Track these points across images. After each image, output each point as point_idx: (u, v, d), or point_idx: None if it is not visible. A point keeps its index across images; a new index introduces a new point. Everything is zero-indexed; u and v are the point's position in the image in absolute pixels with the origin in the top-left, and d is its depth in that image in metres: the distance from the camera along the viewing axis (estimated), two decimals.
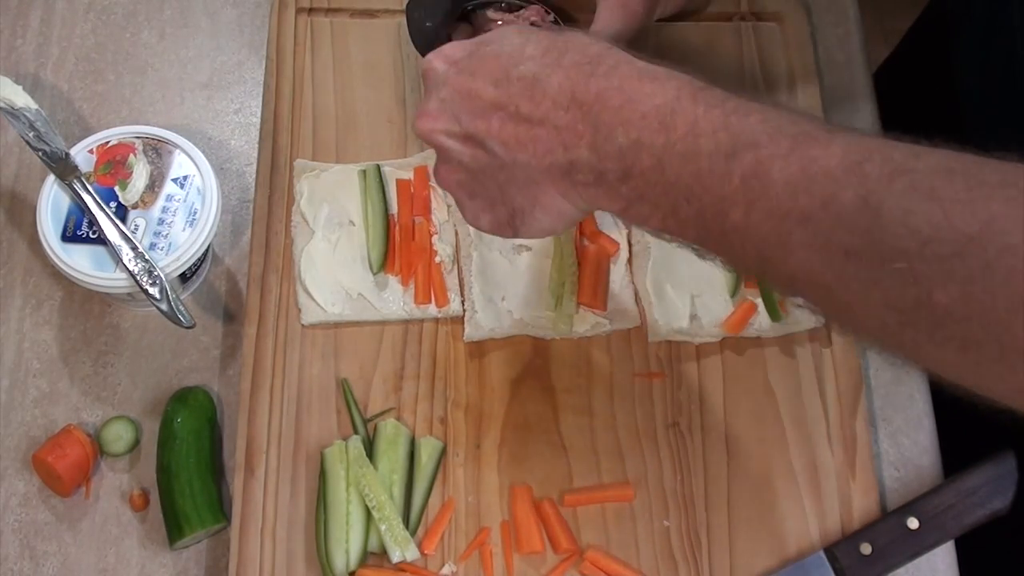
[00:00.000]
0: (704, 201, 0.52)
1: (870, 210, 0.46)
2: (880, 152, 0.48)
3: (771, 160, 0.50)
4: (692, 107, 0.54)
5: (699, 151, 0.52)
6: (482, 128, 0.59)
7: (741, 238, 0.51)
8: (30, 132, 0.78)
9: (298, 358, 0.77)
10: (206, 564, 0.73)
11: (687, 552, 0.72)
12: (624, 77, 0.56)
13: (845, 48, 0.93)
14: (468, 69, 0.61)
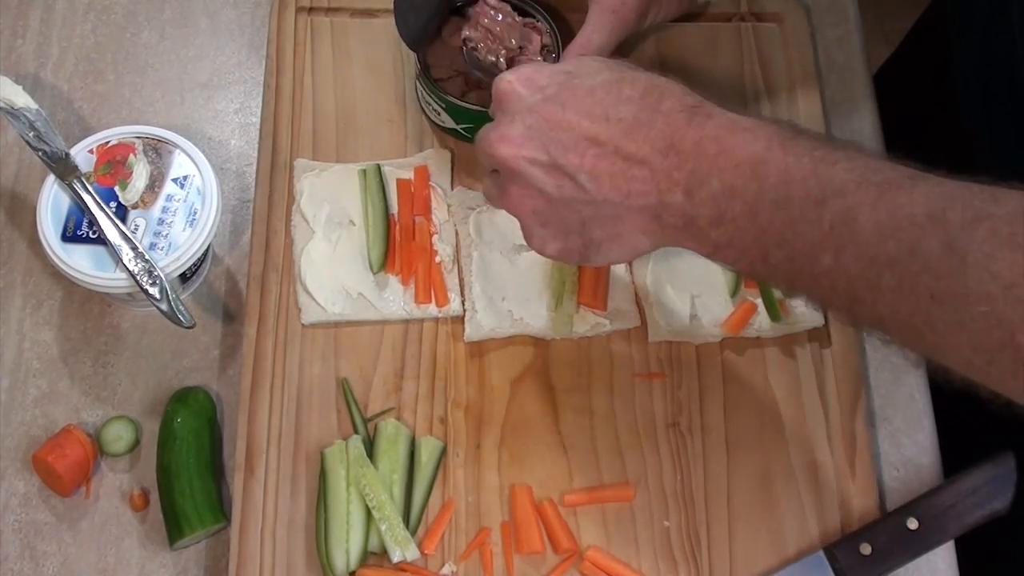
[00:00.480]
0: (795, 246, 0.55)
1: (955, 256, 0.49)
2: (961, 198, 0.51)
3: (859, 207, 0.53)
4: (783, 156, 0.56)
5: (790, 198, 0.55)
6: (575, 161, 0.61)
7: (831, 281, 0.55)
8: (30, 132, 0.78)
9: (298, 358, 0.77)
10: (206, 564, 0.73)
11: (687, 552, 0.72)
12: (718, 127, 0.59)
13: (845, 48, 0.93)
14: (559, 99, 0.62)
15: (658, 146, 0.59)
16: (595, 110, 0.61)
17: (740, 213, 0.57)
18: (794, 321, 0.78)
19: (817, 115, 0.87)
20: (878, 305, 0.53)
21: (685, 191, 0.58)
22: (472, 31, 0.80)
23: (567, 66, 0.65)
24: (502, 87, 0.65)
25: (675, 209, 0.59)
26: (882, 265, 0.52)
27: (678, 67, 0.88)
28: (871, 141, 0.89)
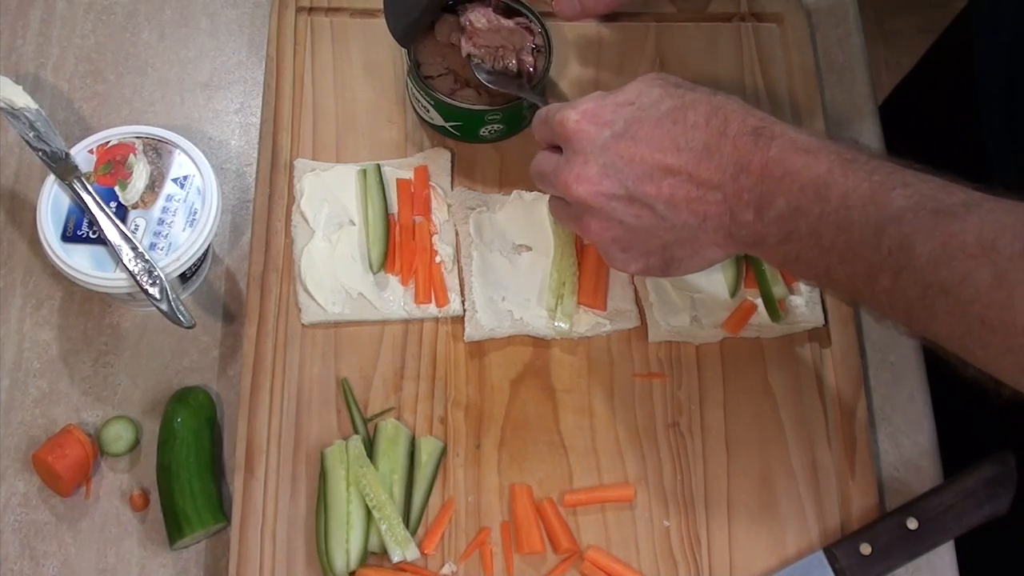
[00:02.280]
0: (856, 266, 0.60)
1: (1004, 289, 0.53)
2: (1012, 228, 0.54)
3: (915, 234, 0.56)
4: (843, 180, 0.60)
5: (851, 222, 0.59)
6: (652, 192, 0.65)
7: (890, 300, 0.59)
8: (30, 132, 0.78)
9: (298, 358, 0.77)
10: (206, 564, 0.73)
11: (687, 552, 0.72)
12: (783, 149, 0.62)
13: (845, 48, 0.93)
14: (629, 134, 0.65)
15: (729, 171, 0.63)
16: (665, 141, 0.64)
17: (805, 233, 0.61)
18: (794, 321, 0.78)
19: (817, 115, 0.87)
20: (933, 325, 0.57)
21: (755, 211, 0.62)
22: (473, 48, 0.80)
23: (628, 95, 0.67)
24: (570, 127, 0.67)
25: (747, 228, 0.63)
26: (936, 291, 0.55)
27: (678, 67, 0.88)
28: (871, 143, 0.89)
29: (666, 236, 0.67)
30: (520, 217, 0.81)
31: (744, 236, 0.64)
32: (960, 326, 0.55)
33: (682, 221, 0.65)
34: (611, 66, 0.88)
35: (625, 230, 0.67)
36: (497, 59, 0.80)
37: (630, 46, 0.89)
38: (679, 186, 0.64)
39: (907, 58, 1.88)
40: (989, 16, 0.88)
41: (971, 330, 0.55)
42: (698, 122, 0.65)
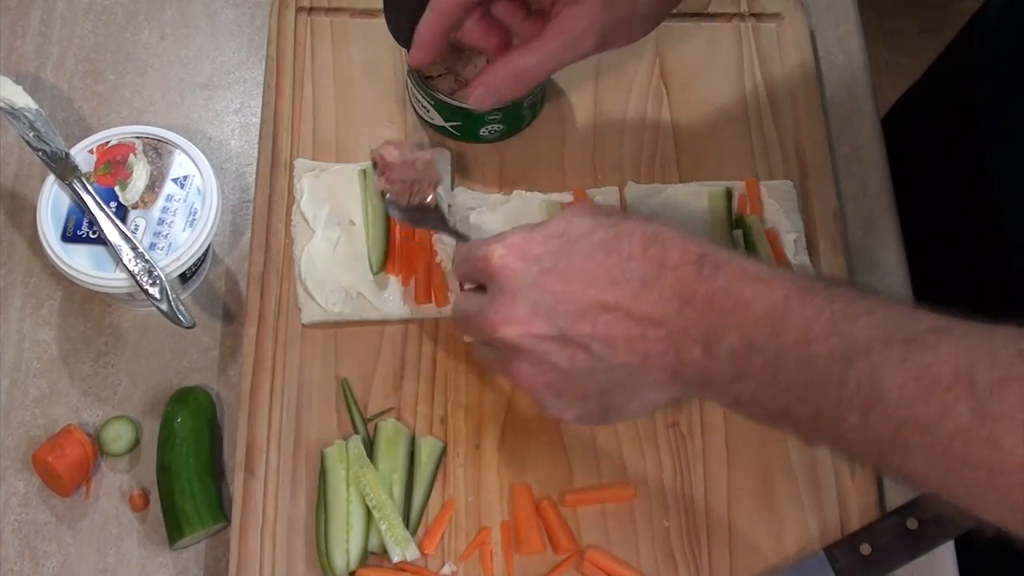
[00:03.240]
0: (820, 405, 0.54)
1: (986, 424, 0.48)
2: (987, 355, 0.50)
3: (884, 367, 0.51)
4: (802, 310, 0.55)
5: (813, 356, 0.53)
6: (587, 331, 0.59)
7: (859, 439, 0.53)
8: (30, 132, 0.78)
9: (298, 358, 0.77)
10: (206, 564, 0.73)
11: (687, 552, 0.72)
12: (731, 278, 0.57)
13: (845, 48, 0.93)
14: (558, 269, 0.60)
15: (672, 304, 0.57)
16: (599, 275, 0.59)
17: (760, 370, 0.55)
18: None
19: (817, 115, 0.87)
20: (909, 464, 0.52)
21: (703, 348, 0.57)
22: (386, 184, 0.77)
23: (556, 227, 0.62)
24: (495, 263, 0.61)
25: (693, 367, 0.58)
26: (912, 429, 0.51)
27: (678, 67, 0.88)
28: (871, 142, 0.89)
29: (603, 379, 0.60)
30: (520, 217, 0.81)
31: (691, 375, 0.58)
32: (940, 466, 0.51)
33: (621, 362, 0.59)
34: (611, 66, 0.88)
35: (559, 374, 0.60)
36: (413, 194, 0.76)
37: (630, 46, 0.89)
38: (616, 323, 0.58)
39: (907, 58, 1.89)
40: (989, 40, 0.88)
41: (952, 469, 0.50)
42: (634, 252, 0.59)
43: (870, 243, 0.85)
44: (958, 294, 0.94)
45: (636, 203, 0.82)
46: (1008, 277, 0.86)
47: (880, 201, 0.87)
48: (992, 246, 0.87)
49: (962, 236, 0.92)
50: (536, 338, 0.60)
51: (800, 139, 0.86)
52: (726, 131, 0.86)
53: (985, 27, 0.90)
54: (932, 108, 1.00)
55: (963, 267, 0.93)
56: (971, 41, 0.93)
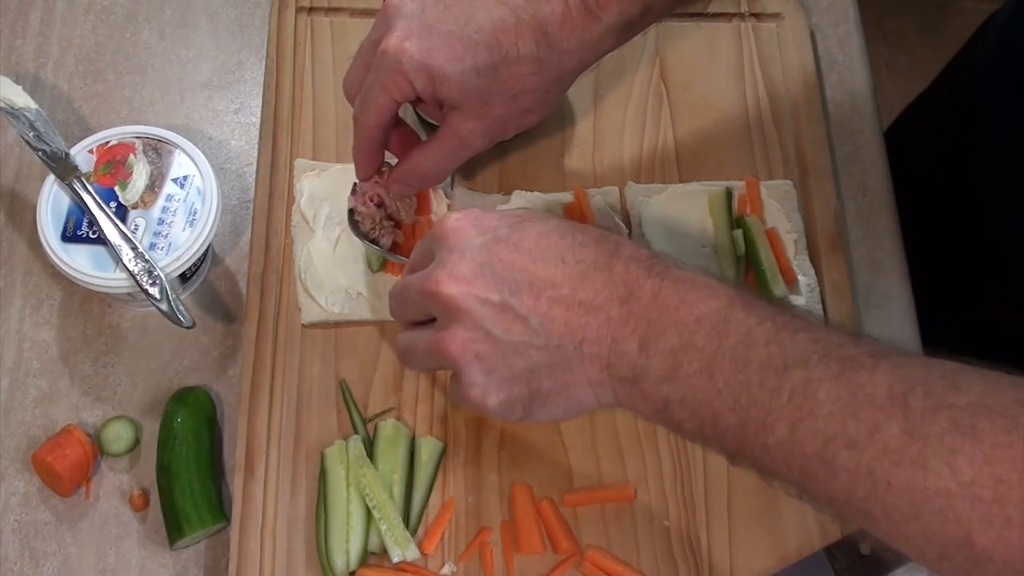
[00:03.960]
0: (749, 413, 0.53)
1: (914, 445, 0.48)
2: (922, 383, 0.50)
3: (819, 381, 0.51)
4: (745, 316, 0.55)
5: (750, 361, 0.53)
6: (528, 303, 0.58)
7: (784, 454, 0.52)
8: (30, 132, 0.78)
9: (298, 358, 0.77)
10: (206, 564, 0.73)
11: (687, 552, 0.72)
12: (678, 280, 0.57)
13: (845, 48, 0.93)
14: (511, 240, 0.60)
15: (616, 292, 0.57)
16: (550, 252, 0.59)
17: (696, 371, 0.55)
18: None
19: (817, 115, 0.87)
20: (831, 485, 0.51)
21: (640, 341, 0.57)
22: (360, 206, 0.77)
23: (516, 211, 0.63)
24: (450, 224, 0.62)
25: (627, 359, 0.57)
26: (840, 445, 0.50)
27: (678, 67, 0.88)
28: (871, 142, 0.89)
29: (536, 358, 0.59)
30: None
31: (623, 369, 0.57)
32: (863, 486, 0.50)
33: (556, 341, 0.58)
34: (611, 66, 0.88)
35: (492, 344, 0.59)
36: (375, 227, 0.77)
37: (630, 46, 0.89)
38: (559, 301, 0.58)
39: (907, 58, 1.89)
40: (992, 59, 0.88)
41: (875, 492, 0.49)
42: (587, 241, 0.59)
43: (870, 243, 0.85)
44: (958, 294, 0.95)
45: (636, 203, 0.82)
46: (1010, 286, 0.86)
47: (880, 201, 0.87)
48: (994, 260, 0.87)
49: (964, 247, 0.93)
50: (477, 300, 0.59)
51: (800, 139, 0.86)
52: (726, 131, 0.86)
53: (987, 45, 0.90)
54: (935, 123, 1.00)
55: (964, 273, 0.93)
56: (973, 58, 0.93)
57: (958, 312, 0.94)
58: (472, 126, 0.70)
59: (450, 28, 0.66)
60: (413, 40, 0.66)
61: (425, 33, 0.66)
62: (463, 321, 0.59)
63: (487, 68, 0.66)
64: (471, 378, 0.60)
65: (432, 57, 0.65)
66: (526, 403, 0.61)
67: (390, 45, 0.66)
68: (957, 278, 0.94)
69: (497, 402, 0.61)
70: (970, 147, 0.89)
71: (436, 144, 0.72)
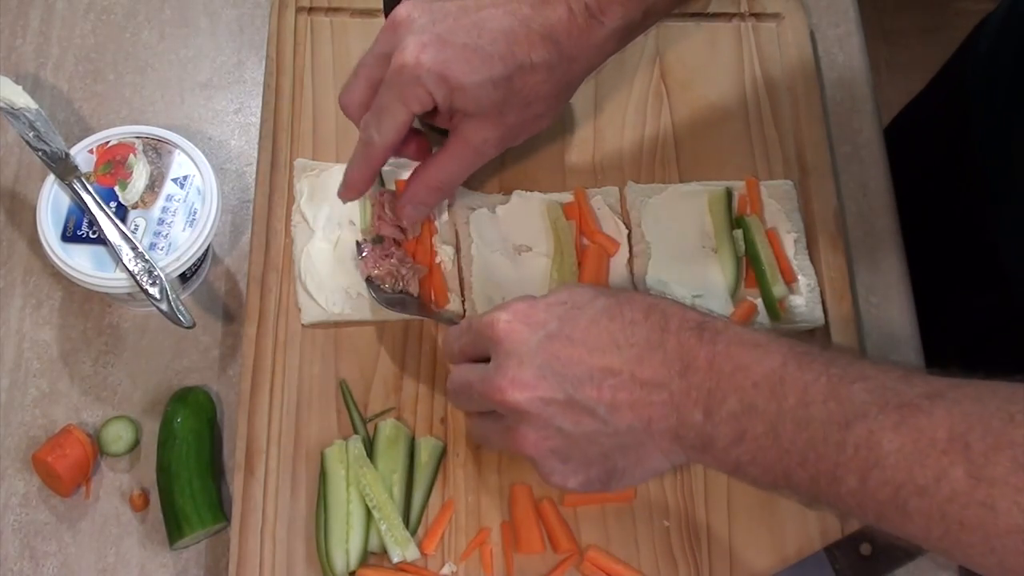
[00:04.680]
0: (819, 468, 0.55)
1: (981, 488, 0.50)
2: (980, 421, 0.51)
3: (882, 432, 0.53)
4: (800, 374, 0.56)
5: (811, 419, 0.55)
6: (592, 395, 0.60)
7: (858, 502, 0.55)
8: (30, 132, 0.78)
9: (298, 358, 0.77)
10: (206, 564, 0.73)
11: (687, 552, 0.72)
12: (730, 343, 0.59)
13: (845, 48, 0.93)
14: (564, 334, 0.61)
15: (674, 368, 0.59)
16: (603, 339, 0.60)
17: (761, 433, 0.57)
18: (794, 321, 0.78)
19: (817, 115, 0.87)
20: (908, 526, 0.54)
21: (704, 411, 0.58)
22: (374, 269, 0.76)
23: (560, 296, 0.64)
24: (501, 328, 0.62)
25: (695, 430, 0.59)
26: (910, 492, 0.52)
27: (678, 67, 0.88)
28: (871, 142, 0.89)
29: (608, 443, 0.61)
30: (520, 217, 0.81)
31: (692, 439, 0.59)
32: (938, 527, 0.52)
33: (626, 425, 0.60)
34: (611, 66, 0.88)
35: (564, 439, 0.61)
36: (397, 279, 0.76)
37: (630, 46, 0.89)
38: (621, 387, 0.59)
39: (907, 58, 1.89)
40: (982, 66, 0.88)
41: (950, 531, 0.52)
42: (636, 318, 0.61)
43: (870, 243, 0.85)
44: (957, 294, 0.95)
45: (636, 203, 0.82)
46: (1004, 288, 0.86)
47: (880, 201, 0.87)
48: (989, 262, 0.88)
49: (960, 246, 0.93)
50: (543, 401, 0.60)
51: (800, 139, 0.86)
52: (726, 131, 0.86)
53: (980, 48, 0.90)
54: (931, 124, 1.00)
55: (961, 273, 0.93)
56: (967, 60, 0.93)
57: (957, 312, 0.94)
58: (486, 135, 0.70)
59: (464, 40, 0.66)
60: (429, 52, 0.66)
61: (440, 45, 0.66)
62: (533, 423, 0.61)
63: (502, 79, 0.67)
64: (549, 468, 0.63)
65: (450, 68, 0.66)
66: (604, 480, 0.63)
67: (406, 58, 0.66)
68: (955, 278, 0.94)
69: (577, 483, 0.63)
70: (963, 147, 0.89)
71: (449, 155, 0.72)
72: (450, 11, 0.67)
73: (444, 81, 0.66)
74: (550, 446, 0.62)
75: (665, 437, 0.60)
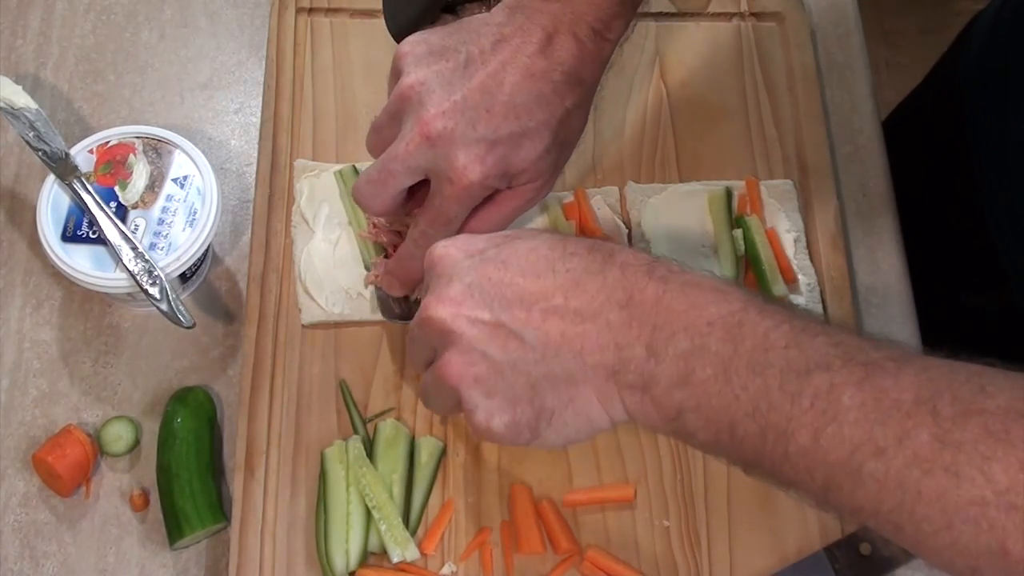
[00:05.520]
0: (769, 419, 0.51)
1: (947, 452, 0.46)
2: (949, 388, 0.48)
3: (844, 386, 0.49)
4: (760, 320, 0.53)
5: (769, 365, 0.51)
6: (521, 317, 0.56)
7: (807, 462, 0.50)
8: (30, 132, 0.78)
9: (298, 358, 0.77)
10: (206, 564, 0.73)
11: (687, 552, 0.72)
12: (685, 284, 0.55)
13: (845, 48, 0.93)
14: (499, 258, 0.58)
15: (614, 297, 0.55)
16: (539, 265, 0.57)
17: (710, 376, 0.52)
18: None
19: (817, 115, 0.87)
20: (857, 495, 0.49)
21: (648, 347, 0.54)
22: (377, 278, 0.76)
23: (504, 232, 0.62)
24: (437, 252, 0.60)
25: (635, 366, 0.54)
26: (867, 453, 0.48)
27: (678, 67, 0.88)
28: (871, 142, 0.89)
29: (536, 372, 0.56)
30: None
31: (630, 377, 0.54)
32: (892, 497, 0.48)
33: (554, 352, 0.56)
34: (611, 66, 0.88)
35: (489, 365, 0.57)
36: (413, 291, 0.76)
37: (630, 46, 0.89)
38: (552, 312, 0.56)
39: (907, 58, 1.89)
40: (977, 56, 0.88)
41: (904, 502, 0.47)
42: (578, 251, 0.57)
43: (870, 243, 0.85)
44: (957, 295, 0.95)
45: (636, 203, 0.82)
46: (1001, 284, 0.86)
47: (880, 201, 0.87)
48: (983, 256, 0.88)
49: (955, 245, 0.93)
50: (468, 320, 0.57)
51: (800, 139, 0.86)
52: (726, 131, 0.86)
53: (972, 45, 0.90)
54: (925, 121, 1.00)
55: (959, 271, 0.93)
56: (960, 57, 0.93)
57: (957, 312, 0.94)
58: (541, 186, 0.69)
59: (510, 131, 0.64)
60: (487, 161, 0.63)
61: (492, 148, 0.63)
62: (457, 344, 0.58)
63: (553, 143, 0.66)
64: (473, 402, 0.58)
65: (511, 164, 0.64)
66: (532, 423, 0.58)
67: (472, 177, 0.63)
68: (955, 278, 0.94)
69: (502, 424, 0.58)
70: (958, 142, 0.90)
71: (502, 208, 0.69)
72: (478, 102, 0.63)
73: (507, 175, 0.65)
74: (474, 372, 0.57)
75: (599, 372, 0.55)
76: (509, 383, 0.57)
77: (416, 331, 0.61)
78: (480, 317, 0.57)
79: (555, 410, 0.58)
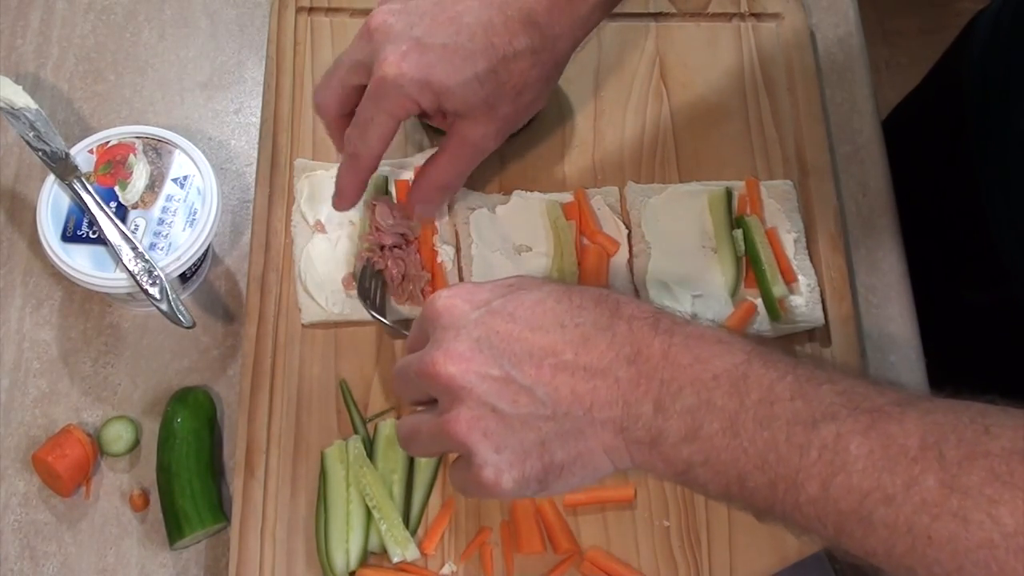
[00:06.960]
0: (778, 471, 0.51)
1: (954, 497, 0.47)
2: (954, 431, 0.49)
3: (850, 435, 0.50)
4: (765, 371, 0.53)
5: (775, 418, 0.51)
6: (531, 373, 0.55)
7: (818, 512, 0.51)
8: (30, 132, 0.78)
9: (298, 358, 0.77)
10: (206, 564, 0.73)
11: (687, 552, 0.72)
12: (689, 337, 0.55)
13: (845, 48, 0.93)
14: (506, 311, 0.57)
15: (623, 353, 0.55)
16: (547, 319, 0.56)
17: (718, 430, 0.52)
18: (794, 321, 0.78)
19: (817, 115, 0.87)
20: (869, 540, 0.50)
21: (655, 403, 0.54)
22: None
23: (508, 280, 0.61)
24: (440, 303, 0.59)
25: (643, 422, 0.54)
26: (876, 501, 0.49)
27: (678, 67, 0.88)
28: (871, 142, 0.89)
29: (545, 428, 0.55)
30: (520, 217, 0.81)
31: (639, 433, 0.54)
32: (903, 541, 0.48)
33: (565, 409, 0.55)
34: (611, 66, 0.88)
35: (499, 420, 0.55)
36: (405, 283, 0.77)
37: (630, 46, 0.89)
38: (562, 368, 0.55)
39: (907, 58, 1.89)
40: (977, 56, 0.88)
41: (916, 546, 0.48)
42: (585, 304, 0.56)
43: (870, 243, 0.85)
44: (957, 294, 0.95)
45: (636, 203, 0.82)
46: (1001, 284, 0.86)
47: (880, 201, 0.87)
48: (983, 254, 0.88)
49: (956, 244, 0.93)
50: (478, 376, 0.55)
51: (800, 139, 0.86)
52: (726, 131, 0.86)
53: (973, 45, 0.90)
54: (925, 120, 1.00)
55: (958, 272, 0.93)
56: (960, 57, 0.93)
57: (957, 312, 0.94)
58: (483, 131, 0.70)
59: (443, 41, 0.65)
60: (410, 60, 0.65)
61: (420, 50, 0.65)
62: (466, 400, 0.56)
63: (488, 73, 0.66)
64: (482, 458, 0.56)
65: (433, 73, 0.65)
66: (541, 477, 0.57)
67: (387, 70, 0.65)
68: (955, 278, 0.94)
69: (511, 480, 0.56)
70: (959, 141, 0.90)
71: (449, 155, 0.72)
72: (426, 10, 0.66)
73: (428, 87, 0.66)
74: (484, 427, 0.56)
75: (608, 428, 0.55)
76: (520, 438, 0.56)
77: (418, 381, 0.59)
78: (490, 372, 0.56)
79: (564, 464, 0.57)
